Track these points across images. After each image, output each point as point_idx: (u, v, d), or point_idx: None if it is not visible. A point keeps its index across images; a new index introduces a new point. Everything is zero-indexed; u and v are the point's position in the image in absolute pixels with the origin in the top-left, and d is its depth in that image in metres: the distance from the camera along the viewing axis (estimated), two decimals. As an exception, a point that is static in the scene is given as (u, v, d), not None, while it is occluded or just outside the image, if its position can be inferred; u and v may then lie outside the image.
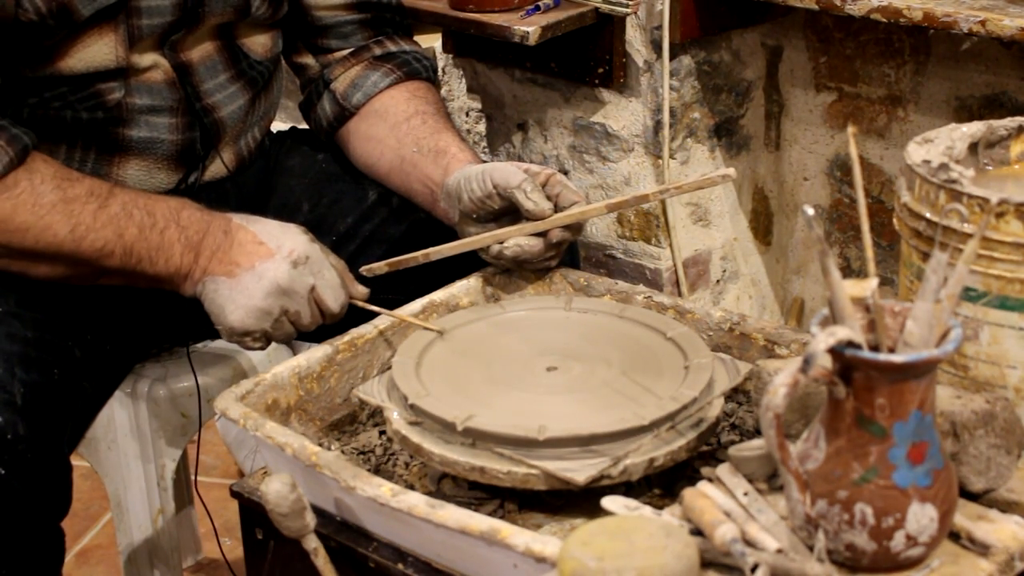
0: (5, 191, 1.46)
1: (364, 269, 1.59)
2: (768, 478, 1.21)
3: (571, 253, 1.78)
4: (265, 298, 1.49)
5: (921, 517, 1.08)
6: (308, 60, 1.80)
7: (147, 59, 1.61)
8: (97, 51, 1.55)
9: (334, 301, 1.52)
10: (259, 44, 1.72)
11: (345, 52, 1.78)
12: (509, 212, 1.56)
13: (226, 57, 1.68)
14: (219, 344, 1.86)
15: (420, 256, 1.58)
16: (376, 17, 1.79)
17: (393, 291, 1.66)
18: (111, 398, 1.73)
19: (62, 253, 1.49)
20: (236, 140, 1.72)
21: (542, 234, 1.55)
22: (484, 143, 2.54)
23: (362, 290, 1.56)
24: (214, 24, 1.65)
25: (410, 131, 1.71)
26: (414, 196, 1.71)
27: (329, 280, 1.52)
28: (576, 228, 1.57)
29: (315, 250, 1.52)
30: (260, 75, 1.73)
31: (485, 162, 1.63)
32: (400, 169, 1.71)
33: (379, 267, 1.59)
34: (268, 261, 1.50)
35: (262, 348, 1.54)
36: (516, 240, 1.55)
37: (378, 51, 1.78)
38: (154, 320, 1.72)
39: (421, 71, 1.79)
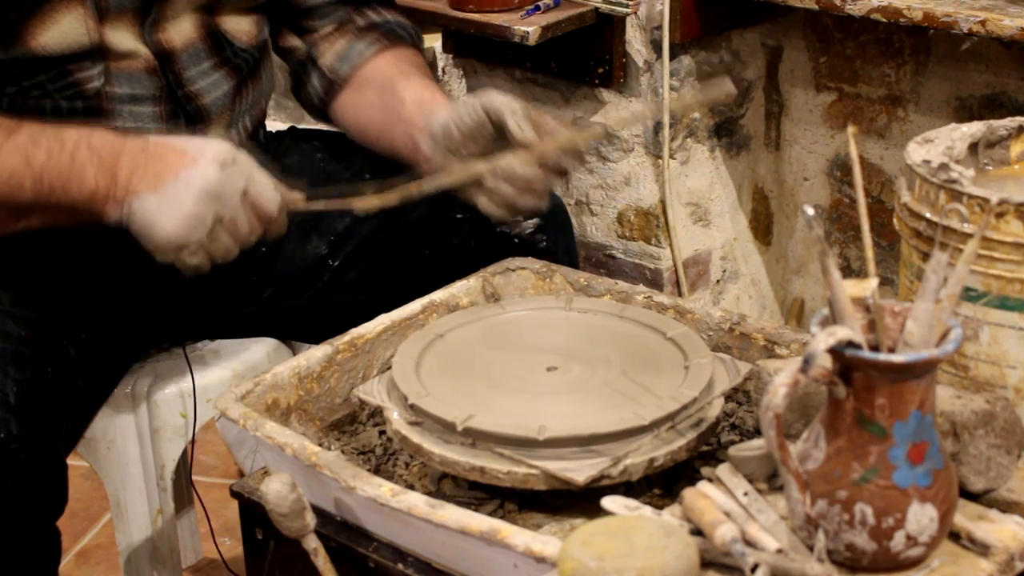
0: None
1: (356, 202, 1.54)
2: (768, 478, 1.22)
3: (570, 253, 1.78)
4: (196, 204, 1.42)
5: (921, 517, 1.08)
6: (295, 43, 1.78)
7: (125, 42, 1.57)
8: (68, 27, 1.52)
9: (270, 202, 1.47)
10: (243, 31, 1.70)
11: (329, 28, 1.77)
12: (497, 151, 1.52)
13: (209, 45, 1.66)
14: (221, 346, 1.86)
15: (412, 187, 1.53)
16: None
17: (393, 292, 1.66)
18: (110, 398, 1.73)
19: None
20: (227, 129, 1.69)
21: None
22: (484, 143, 2.53)
23: (296, 195, 1.51)
24: (184, 2, 1.62)
25: (394, 90, 1.69)
26: (398, 150, 1.67)
27: (261, 182, 1.46)
28: (576, 156, 1.52)
29: (242, 154, 1.46)
30: (245, 62, 1.71)
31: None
32: (385, 125, 1.69)
33: (370, 200, 1.54)
34: (194, 167, 1.43)
35: (201, 266, 1.47)
36: (510, 163, 1.50)
37: (361, 22, 1.77)
38: (150, 319, 1.72)
39: (405, 37, 1.78)
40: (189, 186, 1.42)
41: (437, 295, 1.58)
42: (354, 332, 1.51)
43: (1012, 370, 1.24)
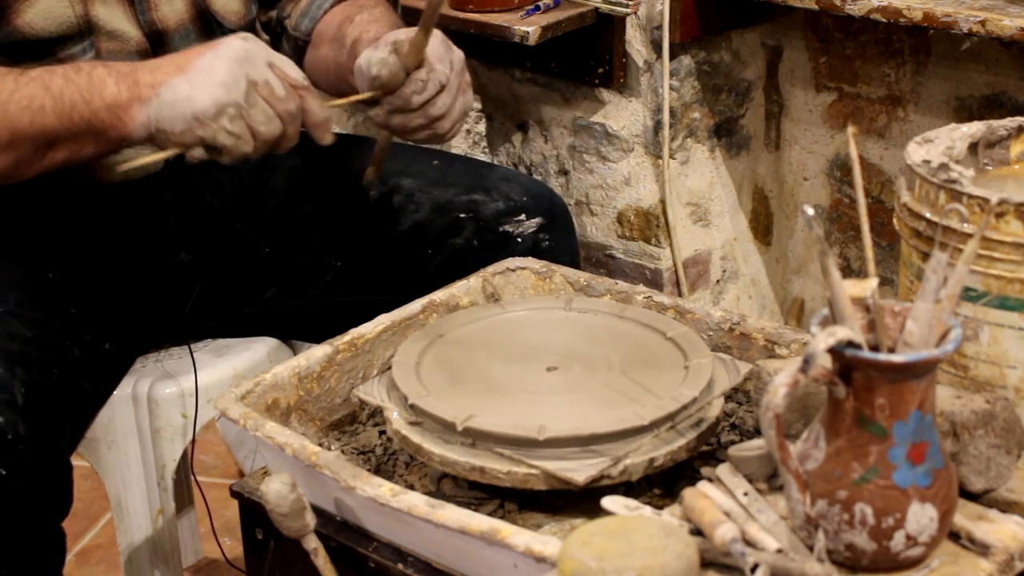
0: None
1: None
2: (768, 478, 1.22)
3: (572, 253, 1.78)
4: (227, 68, 1.41)
5: (921, 517, 1.08)
6: (269, 14, 1.78)
7: (115, 20, 1.56)
8: (52, 2, 1.51)
9: (294, 71, 1.45)
10: (232, 12, 1.68)
11: None
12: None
13: (199, 26, 1.65)
14: (221, 345, 1.86)
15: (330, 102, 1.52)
16: None
17: (389, 292, 1.66)
18: (111, 398, 1.73)
19: None
20: None
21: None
22: (484, 143, 2.54)
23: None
24: None
25: (340, 37, 1.68)
26: (345, 95, 1.63)
27: (283, 58, 1.46)
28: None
29: (255, 38, 1.47)
30: None
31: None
32: (336, 76, 1.68)
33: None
34: (216, 46, 1.44)
35: (242, 140, 1.43)
36: (374, 111, 1.51)
37: None
38: (152, 319, 1.72)
39: None
40: (216, 56, 1.41)
41: (437, 295, 1.58)
42: (354, 332, 1.51)
43: (1012, 370, 1.24)
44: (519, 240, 1.71)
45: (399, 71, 1.50)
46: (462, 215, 1.71)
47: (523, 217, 1.72)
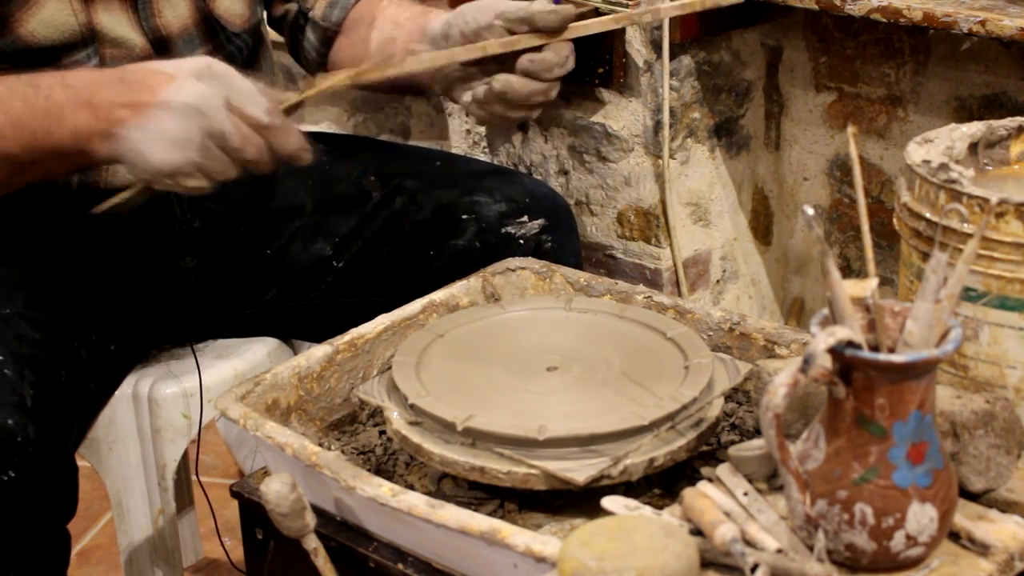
0: None
1: (343, 75, 1.51)
2: (768, 478, 1.22)
3: (576, 255, 1.78)
4: (180, 124, 1.36)
5: (921, 517, 1.08)
6: (286, 6, 1.77)
7: (119, 27, 1.55)
8: (53, 10, 1.50)
9: (256, 108, 1.39)
10: (236, 15, 1.67)
11: None
12: (496, 63, 1.51)
13: (203, 31, 1.63)
14: (221, 346, 1.86)
15: (408, 59, 1.50)
16: None
17: (391, 293, 1.66)
18: (112, 398, 1.73)
19: None
20: None
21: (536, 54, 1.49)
22: (484, 143, 2.54)
23: (288, 94, 1.47)
24: None
25: (386, 19, 1.67)
26: (398, 78, 1.61)
27: (243, 88, 1.39)
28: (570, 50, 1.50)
29: (218, 63, 1.40)
30: (239, 49, 1.68)
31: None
32: (383, 54, 1.65)
33: (367, 70, 1.51)
34: (170, 86, 1.37)
35: (205, 187, 1.41)
36: (506, 77, 1.48)
37: None
38: (156, 320, 1.72)
39: None
40: (168, 108, 1.36)
41: (437, 295, 1.58)
42: (354, 332, 1.51)
43: (1012, 370, 1.24)
44: (521, 241, 1.71)
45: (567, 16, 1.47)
46: (464, 216, 1.71)
47: (525, 219, 1.72)
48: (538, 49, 1.50)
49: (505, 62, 1.51)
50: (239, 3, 1.68)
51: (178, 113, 1.36)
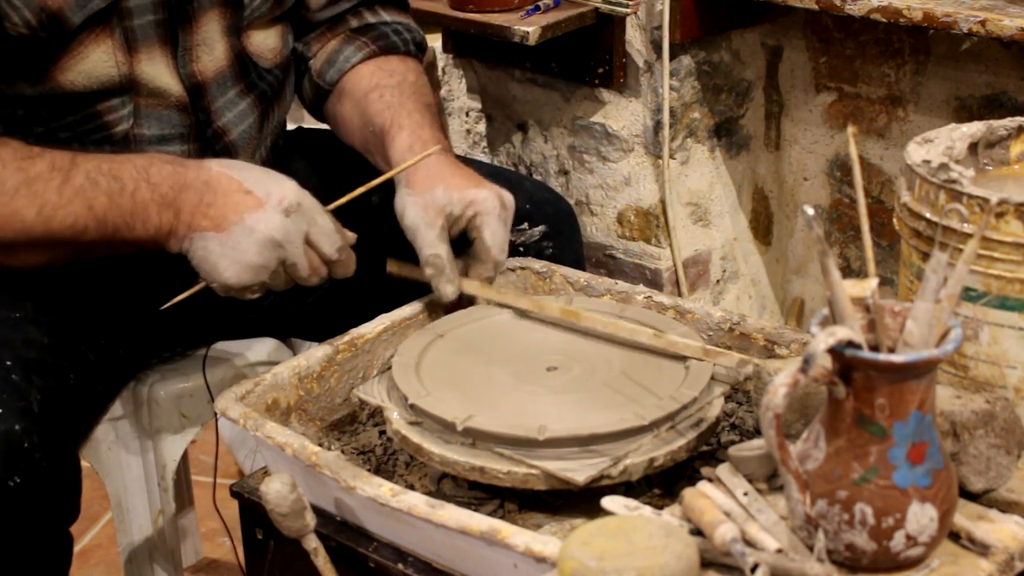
0: None
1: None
2: (768, 478, 1.21)
3: (578, 260, 1.77)
4: (260, 253, 1.43)
5: (921, 517, 1.08)
6: (297, 46, 1.75)
7: (159, 77, 1.55)
8: (97, 60, 1.50)
9: (330, 246, 1.46)
10: (268, 48, 1.66)
11: (322, 28, 1.73)
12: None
13: (236, 70, 1.62)
14: (221, 346, 1.86)
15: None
16: None
17: (389, 297, 1.66)
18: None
19: (34, 238, 1.44)
20: (251, 157, 1.67)
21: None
22: (484, 143, 2.54)
23: (351, 235, 1.52)
24: (216, 25, 1.59)
25: (367, 108, 1.67)
26: (372, 167, 1.67)
27: (323, 226, 1.46)
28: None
29: (306, 196, 1.46)
30: (270, 86, 1.68)
31: (430, 134, 1.61)
32: (366, 149, 1.69)
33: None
34: (258, 212, 1.43)
35: (260, 296, 1.49)
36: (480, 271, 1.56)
37: (354, 23, 1.73)
38: (159, 325, 1.72)
39: (399, 44, 1.73)
40: (252, 234, 1.42)
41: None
42: (354, 332, 1.51)
43: (1012, 370, 1.24)
44: (521, 249, 1.70)
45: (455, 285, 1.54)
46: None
47: (526, 226, 1.71)
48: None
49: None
50: (272, 36, 1.67)
51: (260, 243, 1.42)
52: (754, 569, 1.08)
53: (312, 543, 1.25)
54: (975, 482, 1.19)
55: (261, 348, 1.86)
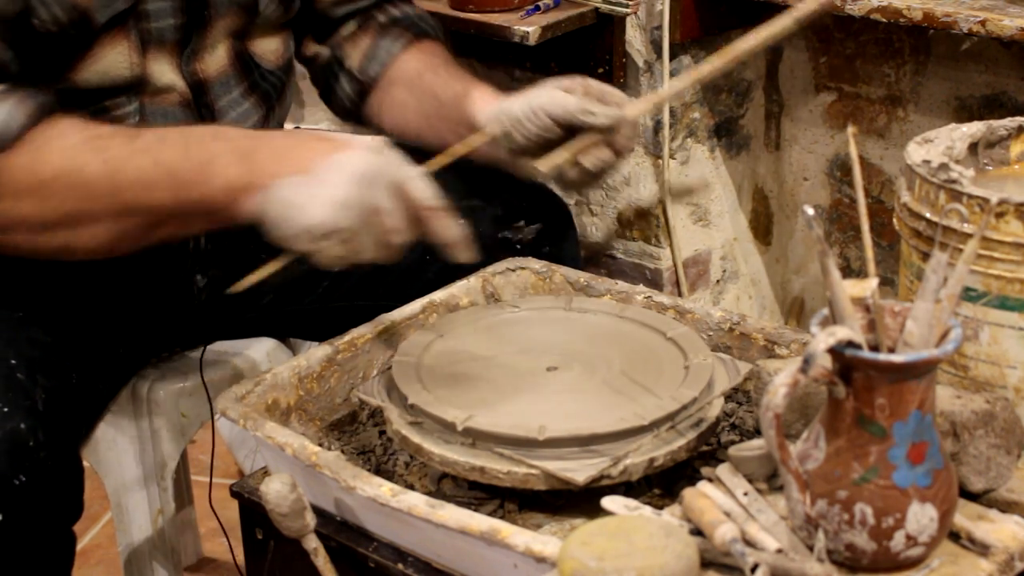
0: (30, 144, 1.34)
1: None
2: (768, 478, 1.21)
3: (575, 261, 1.77)
4: (349, 187, 1.29)
5: (921, 517, 1.08)
6: (317, 49, 1.76)
7: (164, 75, 1.54)
8: (112, 61, 1.49)
9: (423, 190, 1.33)
10: (271, 51, 1.66)
11: (351, 28, 1.73)
12: (566, 137, 1.50)
13: (239, 69, 1.62)
14: (221, 346, 1.86)
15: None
16: None
17: (389, 298, 1.66)
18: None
19: (100, 196, 1.34)
20: None
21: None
22: (484, 143, 2.53)
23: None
24: (225, 28, 1.59)
25: (426, 87, 1.66)
26: (448, 145, 1.59)
27: (410, 171, 1.33)
28: (636, 130, 1.51)
29: (387, 145, 1.35)
30: (273, 87, 1.68)
31: (504, 95, 1.56)
32: (429, 126, 1.65)
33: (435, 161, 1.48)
34: (345, 151, 1.32)
35: (340, 261, 1.35)
36: (594, 155, 1.47)
37: (383, 18, 1.74)
38: (166, 329, 1.72)
39: (429, 30, 1.74)
40: (341, 169, 1.30)
41: (437, 295, 1.58)
42: (354, 332, 1.51)
43: (1012, 370, 1.24)
44: (518, 247, 1.70)
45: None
46: (460, 221, 1.71)
47: (522, 223, 1.72)
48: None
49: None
50: (275, 40, 1.67)
51: (347, 177, 1.30)
52: (754, 569, 1.08)
53: (312, 543, 1.25)
54: (975, 482, 1.19)
55: (260, 348, 1.87)
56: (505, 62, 2.40)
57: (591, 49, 2.26)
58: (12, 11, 1.41)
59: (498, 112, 1.52)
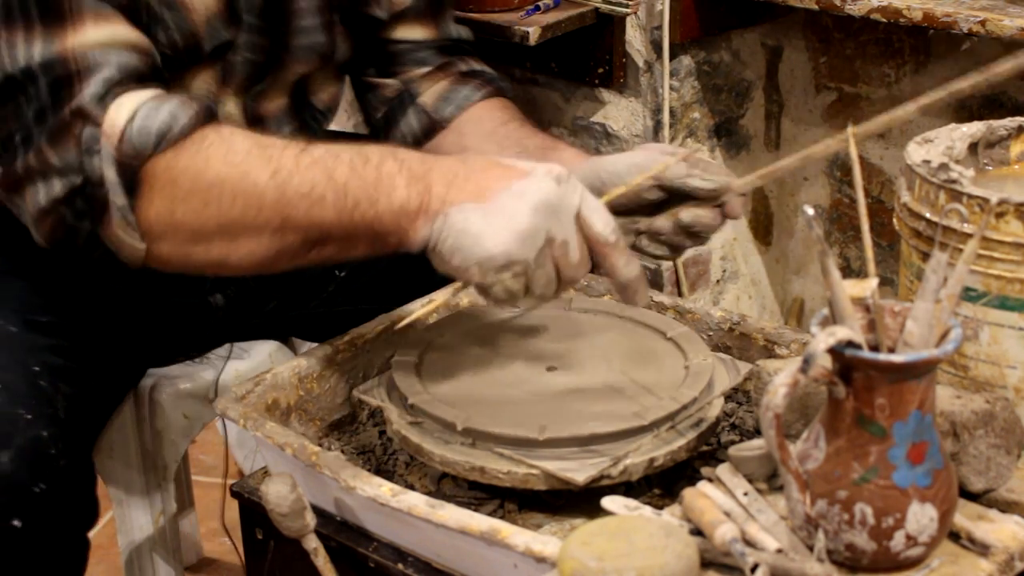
0: (193, 146, 1.27)
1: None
2: (768, 478, 1.22)
3: None
4: (532, 215, 1.22)
5: (921, 517, 1.08)
6: (385, 80, 1.73)
7: (227, 107, 1.54)
8: (196, 87, 1.48)
9: (604, 225, 1.26)
10: (327, 93, 1.66)
11: (428, 68, 1.71)
12: (663, 201, 1.45)
13: (294, 109, 1.62)
14: (223, 348, 1.86)
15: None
16: (454, 46, 1.75)
17: (394, 302, 1.66)
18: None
19: (265, 207, 1.27)
20: None
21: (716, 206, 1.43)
22: (484, 143, 2.54)
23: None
24: (296, 72, 1.59)
25: (509, 134, 1.62)
26: None
27: (592, 202, 1.27)
28: (743, 204, 1.45)
29: (568, 172, 1.27)
30: (319, 125, 1.68)
31: (598, 153, 1.54)
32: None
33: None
34: (527, 179, 1.25)
35: (514, 296, 1.27)
36: (692, 210, 1.41)
37: (464, 67, 1.72)
38: (183, 334, 1.73)
39: (506, 90, 1.73)
40: (523, 197, 1.23)
41: (437, 295, 1.58)
42: (354, 332, 1.51)
43: (1012, 370, 1.24)
44: None
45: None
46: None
47: None
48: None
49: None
50: (334, 84, 1.67)
51: (532, 206, 1.23)
52: (754, 569, 1.08)
53: (312, 543, 1.25)
54: (975, 482, 1.19)
55: (261, 348, 1.86)
56: (505, 62, 2.40)
57: (591, 49, 2.26)
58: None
59: (596, 167, 1.45)
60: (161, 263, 1.33)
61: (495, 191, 1.25)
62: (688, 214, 1.42)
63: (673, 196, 1.43)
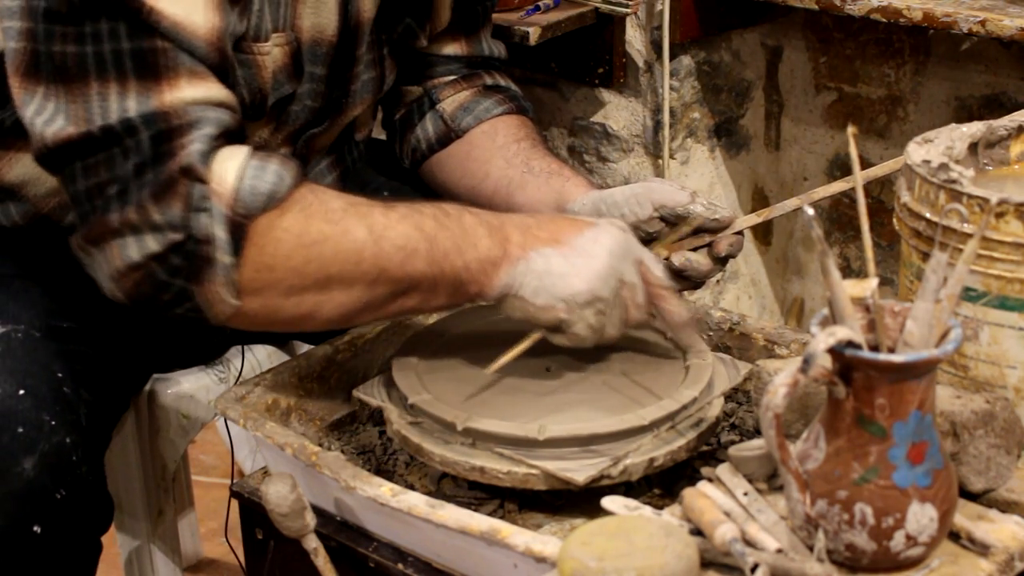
0: (295, 204, 1.29)
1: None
2: (768, 478, 1.22)
3: None
4: (609, 258, 1.32)
5: (921, 517, 1.08)
6: (408, 87, 1.75)
7: (276, 144, 1.54)
8: (251, 132, 1.48)
9: (661, 272, 1.37)
10: (366, 126, 1.68)
11: (454, 77, 1.73)
12: (659, 234, 1.50)
13: (336, 144, 1.64)
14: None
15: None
16: (484, 62, 1.77)
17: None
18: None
19: (363, 260, 1.30)
20: None
21: (704, 247, 1.49)
22: (484, 143, 2.54)
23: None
24: (354, 115, 1.60)
25: (519, 152, 1.65)
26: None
27: (650, 256, 1.38)
28: (739, 244, 1.50)
29: (630, 231, 1.38)
30: (353, 158, 1.69)
31: (600, 186, 1.56)
32: (507, 190, 1.63)
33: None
34: (595, 228, 1.34)
35: (589, 335, 1.34)
36: (684, 253, 1.47)
37: (488, 81, 1.74)
38: (194, 344, 1.73)
39: (527, 109, 1.75)
40: (598, 242, 1.33)
41: (437, 295, 1.58)
42: (354, 332, 1.51)
43: (1012, 370, 1.24)
44: None
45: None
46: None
47: None
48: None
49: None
50: (370, 115, 1.68)
51: (607, 250, 1.32)
52: (754, 569, 1.08)
53: (312, 543, 1.25)
54: (975, 482, 1.19)
55: (261, 349, 1.87)
56: (505, 62, 2.40)
57: (591, 49, 2.26)
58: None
59: (596, 198, 1.51)
60: (247, 319, 1.33)
61: (569, 236, 1.33)
62: (679, 257, 1.47)
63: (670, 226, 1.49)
